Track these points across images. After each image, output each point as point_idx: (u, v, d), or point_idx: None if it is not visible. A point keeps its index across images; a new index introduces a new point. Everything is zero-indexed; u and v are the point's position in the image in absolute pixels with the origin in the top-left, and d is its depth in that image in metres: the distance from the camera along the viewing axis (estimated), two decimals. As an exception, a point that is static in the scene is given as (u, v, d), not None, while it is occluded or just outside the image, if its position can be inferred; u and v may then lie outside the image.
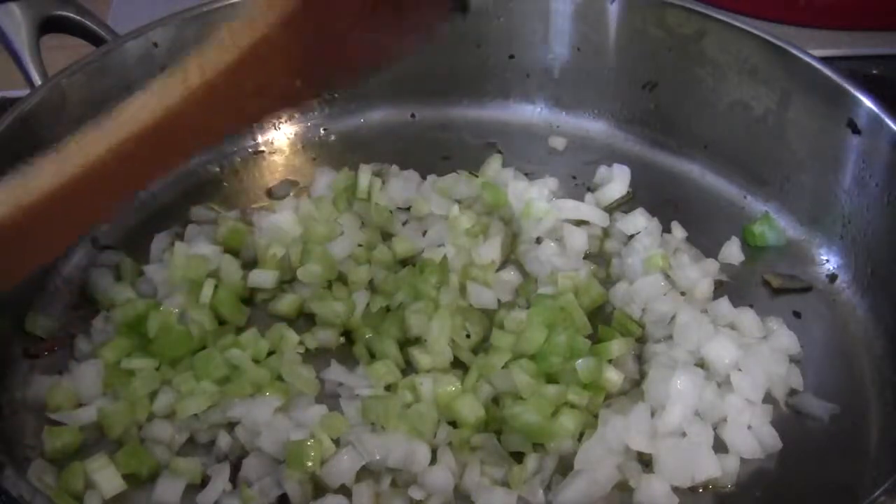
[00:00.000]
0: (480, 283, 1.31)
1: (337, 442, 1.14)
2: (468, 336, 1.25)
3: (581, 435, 1.16)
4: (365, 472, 1.12)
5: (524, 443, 1.15)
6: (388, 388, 1.20)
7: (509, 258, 1.38)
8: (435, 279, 1.28)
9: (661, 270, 1.33)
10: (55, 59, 1.37)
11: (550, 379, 1.20)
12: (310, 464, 1.10)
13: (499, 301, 1.31)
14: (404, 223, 1.42)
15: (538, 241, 1.39)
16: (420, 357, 1.22)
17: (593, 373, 1.18)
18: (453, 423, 1.17)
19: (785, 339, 1.28)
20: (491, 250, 1.35)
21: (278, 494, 1.11)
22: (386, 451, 1.12)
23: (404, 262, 1.37)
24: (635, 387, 1.23)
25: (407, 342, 1.25)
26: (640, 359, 1.26)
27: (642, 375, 1.23)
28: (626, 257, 1.37)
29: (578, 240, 1.38)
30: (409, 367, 1.24)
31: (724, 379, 1.22)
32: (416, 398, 1.18)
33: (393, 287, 1.29)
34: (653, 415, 1.18)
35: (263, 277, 1.32)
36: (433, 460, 1.14)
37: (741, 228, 1.43)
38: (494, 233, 1.38)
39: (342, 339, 1.28)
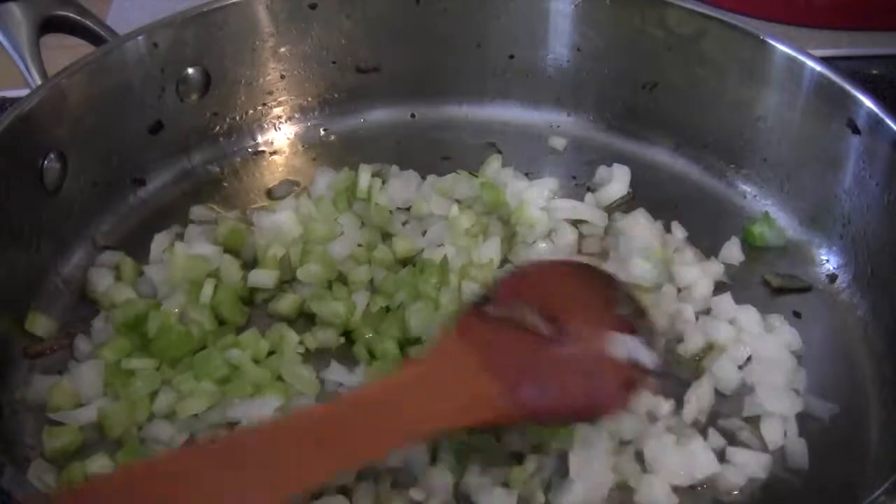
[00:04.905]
0: (478, 282, 1.30)
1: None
2: None
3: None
4: (365, 472, 1.12)
5: (524, 443, 1.15)
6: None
7: (507, 257, 1.38)
8: (435, 279, 1.28)
9: (663, 267, 1.34)
10: (55, 59, 1.37)
11: None
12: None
13: None
14: (404, 223, 1.42)
15: (534, 241, 1.39)
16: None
17: None
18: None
19: (788, 335, 1.28)
20: (491, 250, 1.35)
21: (278, 495, 1.11)
22: (383, 453, 1.11)
23: (404, 262, 1.36)
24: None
25: (407, 342, 1.24)
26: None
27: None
28: (626, 257, 1.37)
29: (569, 236, 1.39)
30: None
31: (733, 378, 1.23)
32: None
33: (393, 287, 1.29)
34: (651, 414, 1.18)
35: (263, 277, 1.32)
36: (432, 460, 1.13)
37: (741, 228, 1.43)
38: (494, 232, 1.38)
39: (342, 339, 1.27)
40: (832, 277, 1.37)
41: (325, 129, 1.59)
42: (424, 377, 1.04)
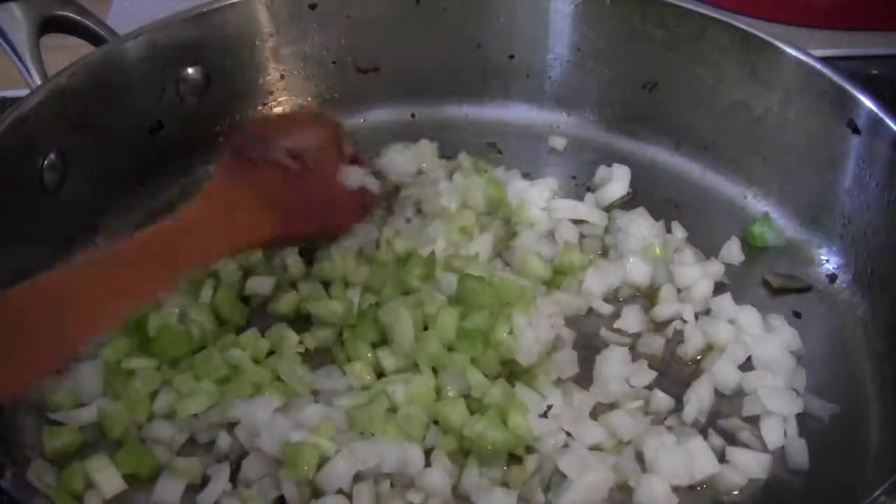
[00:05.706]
0: (454, 272, 1.29)
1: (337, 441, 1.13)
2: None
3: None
4: (364, 473, 1.12)
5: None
6: (366, 388, 1.19)
7: (502, 255, 1.38)
8: (419, 270, 1.27)
9: (662, 267, 1.34)
10: (55, 59, 1.37)
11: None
12: (306, 468, 1.09)
13: None
14: (407, 220, 1.42)
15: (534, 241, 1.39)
16: (385, 359, 1.21)
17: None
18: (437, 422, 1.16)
19: (788, 335, 1.28)
20: (481, 244, 1.35)
21: (277, 496, 1.11)
22: (379, 458, 1.11)
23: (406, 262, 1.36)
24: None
25: (384, 343, 1.23)
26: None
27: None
28: (626, 257, 1.37)
29: (569, 236, 1.39)
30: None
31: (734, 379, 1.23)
32: (391, 404, 1.16)
33: (380, 283, 1.28)
34: (647, 412, 1.19)
35: (260, 283, 1.31)
36: (428, 461, 1.13)
37: (741, 228, 1.43)
38: (489, 230, 1.38)
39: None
40: (832, 277, 1.37)
41: (325, 129, 1.58)
42: (201, 212, 1.20)
